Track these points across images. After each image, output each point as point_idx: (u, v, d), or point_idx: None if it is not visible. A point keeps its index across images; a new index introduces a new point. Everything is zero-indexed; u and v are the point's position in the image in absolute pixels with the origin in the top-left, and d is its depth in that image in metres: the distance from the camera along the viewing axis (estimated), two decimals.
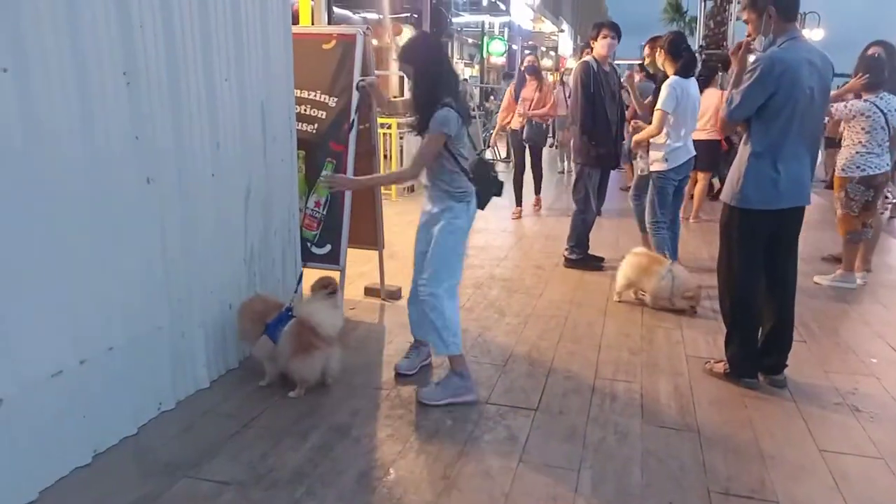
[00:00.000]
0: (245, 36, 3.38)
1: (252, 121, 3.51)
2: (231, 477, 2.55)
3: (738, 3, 16.36)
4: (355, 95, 4.07)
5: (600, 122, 5.21)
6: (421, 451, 2.77)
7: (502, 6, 14.69)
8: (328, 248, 4.22)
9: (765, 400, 3.29)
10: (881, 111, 4.87)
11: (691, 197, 7.43)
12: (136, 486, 2.48)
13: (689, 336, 4.12)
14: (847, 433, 3.00)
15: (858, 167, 4.99)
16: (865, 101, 4.96)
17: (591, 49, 5.31)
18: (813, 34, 24.58)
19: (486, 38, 19.44)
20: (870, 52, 5.14)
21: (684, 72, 4.63)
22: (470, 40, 24.02)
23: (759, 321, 3.38)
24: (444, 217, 3.13)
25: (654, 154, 4.72)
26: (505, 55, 21.04)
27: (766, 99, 3.09)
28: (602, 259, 5.62)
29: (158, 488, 2.46)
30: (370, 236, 4.57)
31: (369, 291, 4.74)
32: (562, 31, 28.12)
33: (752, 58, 3.24)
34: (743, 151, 3.26)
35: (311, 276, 4.16)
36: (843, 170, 5.11)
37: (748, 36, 3.28)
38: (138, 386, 2.88)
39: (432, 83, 3.02)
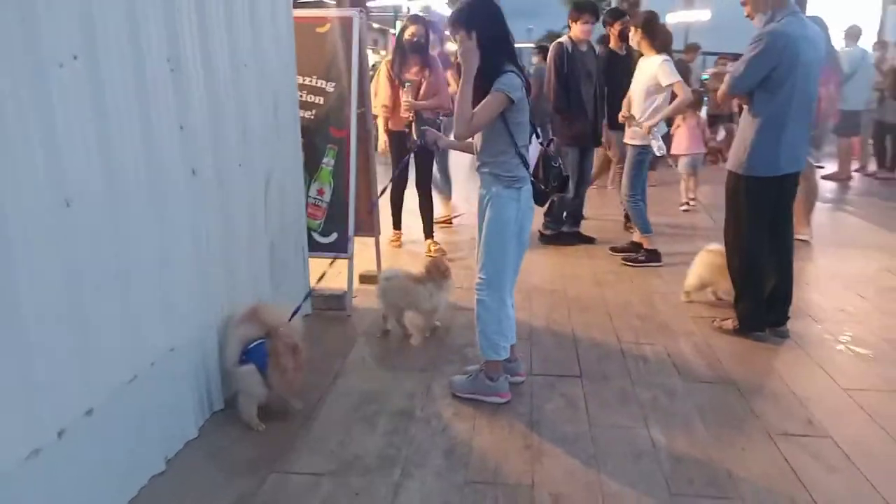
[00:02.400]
0: (260, 18, 3.27)
1: (267, 107, 3.41)
2: (320, 468, 2.51)
3: None
4: (354, 79, 4.03)
5: (574, 102, 5.34)
6: (492, 426, 2.82)
7: None
8: (334, 236, 4.15)
9: (777, 350, 3.57)
10: None
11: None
12: (225, 486, 2.40)
13: (683, 300, 4.38)
14: (860, 372, 3.31)
15: None
16: None
17: (569, 29, 5.44)
18: (700, 15, 25.99)
19: (398, 22, 19.07)
20: None
21: (665, 49, 4.85)
22: (375, 25, 23.74)
23: (766, 279, 3.65)
24: (491, 206, 2.86)
25: (636, 129, 4.93)
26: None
27: (770, 71, 3.33)
28: (593, 239, 5.77)
29: (250, 486, 2.40)
30: (367, 223, 4.53)
31: (365, 279, 4.69)
32: None
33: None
34: (747, 122, 3.49)
35: (316, 266, 4.10)
36: None
37: (747, 15, 3.50)
38: (195, 387, 2.77)
39: (496, 49, 2.75)
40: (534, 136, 2.93)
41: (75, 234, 2.02)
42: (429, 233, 5.46)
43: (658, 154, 4.94)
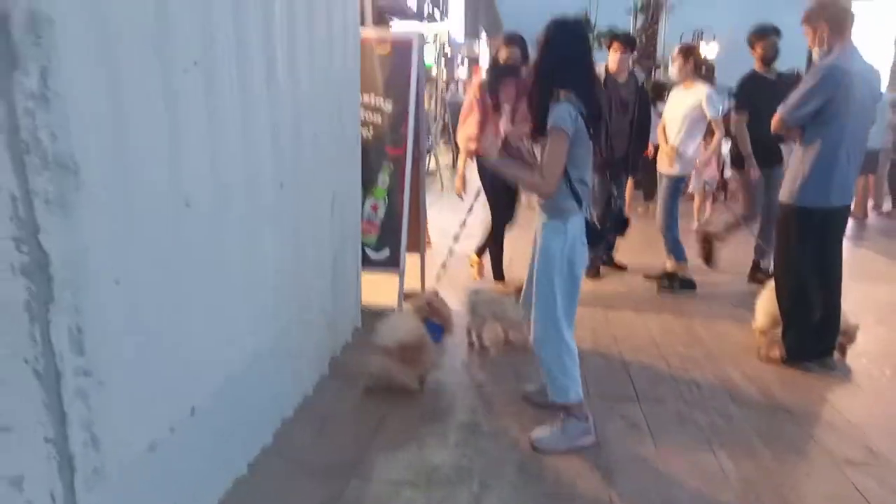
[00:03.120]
0: (333, 36, 3.36)
1: (336, 124, 3.49)
2: (399, 476, 2.56)
3: (667, 19, 17.51)
4: (412, 99, 4.13)
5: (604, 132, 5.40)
6: None
7: (437, 13, 14.77)
8: (386, 251, 4.23)
9: (825, 379, 3.62)
10: None
11: None
12: (308, 491, 2.44)
13: (724, 328, 4.44)
14: None
15: None
16: None
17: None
18: (709, 49, 26.41)
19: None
20: None
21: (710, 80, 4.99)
22: None
23: (814, 310, 3.72)
24: (542, 235, 2.77)
25: (678, 159, 5.04)
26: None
27: (824, 104, 3.43)
28: (624, 267, 5.85)
29: (332, 491, 2.44)
30: (414, 239, 4.60)
31: (407, 296, 4.75)
32: (479, 37, 28.74)
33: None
34: (802, 153, 3.59)
35: (368, 282, 4.19)
36: None
37: (809, 45, 3.62)
38: (271, 394, 2.82)
39: (551, 70, 2.64)
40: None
41: (192, 234, 2.10)
42: (499, 275, 5.02)
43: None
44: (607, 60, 5.51)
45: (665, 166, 5.22)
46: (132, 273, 1.80)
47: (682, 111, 5.05)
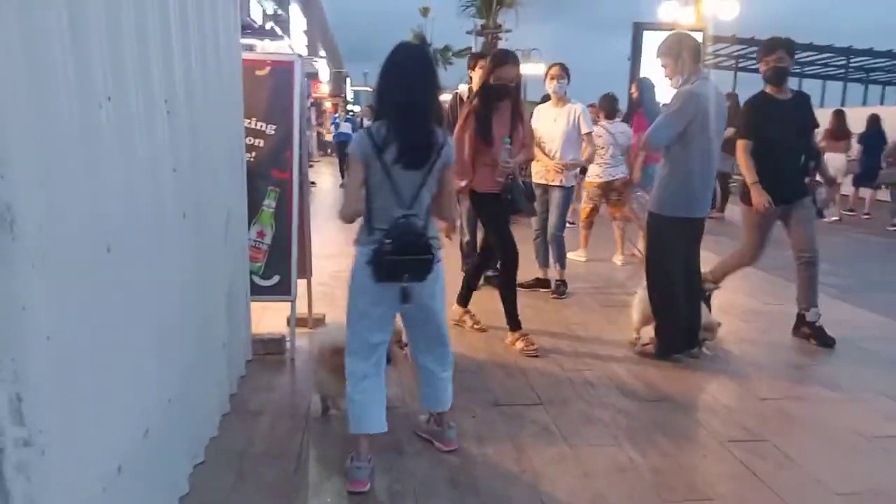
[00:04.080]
0: (219, 59, 3.25)
1: (225, 148, 3.37)
2: None
3: (505, 39, 18.42)
4: (296, 122, 4.07)
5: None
6: (484, 455, 2.96)
7: (279, 31, 14.36)
8: (276, 279, 4.10)
9: (696, 369, 4.04)
10: (610, 133, 6.59)
11: None
12: None
13: (600, 327, 4.79)
14: (770, 384, 3.85)
15: (598, 175, 6.70)
16: (600, 125, 6.62)
17: (470, 79, 5.72)
18: (536, 69, 28.13)
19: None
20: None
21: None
22: None
23: (682, 308, 4.12)
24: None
25: (566, 172, 5.43)
26: None
27: (686, 126, 3.84)
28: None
29: None
30: (302, 265, 4.50)
31: (298, 321, 4.64)
32: (322, 56, 28.49)
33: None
34: (667, 170, 3.98)
35: (258, 309, 4.06)
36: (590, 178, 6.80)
37: (665, 76, 4.02)
38: (182, 440, 2.65)
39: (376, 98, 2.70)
40: None
41: (112, 280, 1.95)
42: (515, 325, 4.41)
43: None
44: (470, 80, 5.69)
45: (555, 180, 5.45)
46: (61, 328, 1.65)
47: (560, 128, 5.33)
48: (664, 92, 4.15)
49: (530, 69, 27.38)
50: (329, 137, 22.01)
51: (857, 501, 2.67)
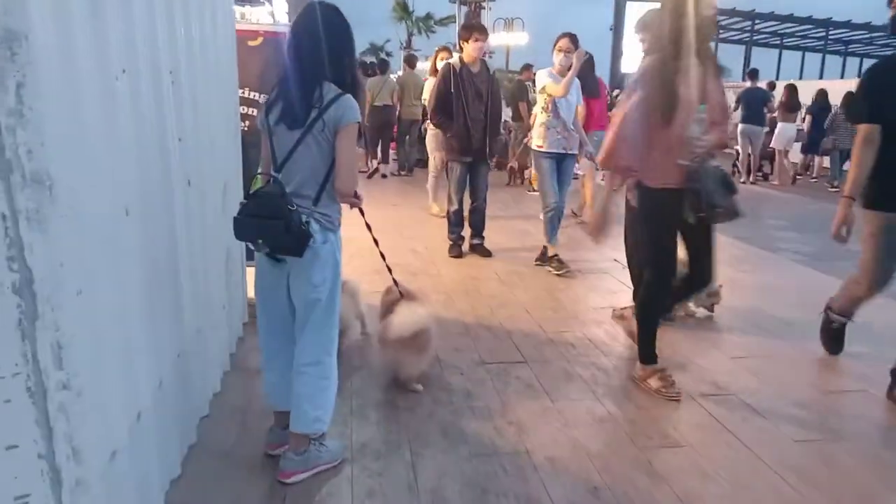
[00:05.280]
0: (216, 27, 3.35)
1: (222, 117, 3.48)
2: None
3: (489, 8, 18.32)
4: None
5: (457, 119, 5.70)
6: (473, 409, 3.17)
7: None
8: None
9: (672, 329, 4.25)
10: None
11: None
12: (245, 481, 2.53)
13: (581, 292, 5.01)
14: (740, 343, 4.09)
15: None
16: None
17: (461, 49, 5.84)
18: (519, 38, 27.98)
19: None
20: None
21: None
22: None
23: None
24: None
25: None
26: None
27: None
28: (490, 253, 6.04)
29: (271, 479, 2.55)
30: None
31: None
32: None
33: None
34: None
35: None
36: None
37: (644, 51, 4.14)
38: (191, 393, 2.82)
39: None
40: None
41: (130, 241, 2.10)
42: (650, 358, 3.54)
43: None
44: (461, 51, 5.82)
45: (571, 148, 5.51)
46: (89, 284, 1.79)
47: (574, 99, 5.44)
48: (634, 63, 4.28)
49: (513, 39, 27.52)
50: None
51: (812, 447, 2.92)
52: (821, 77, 20.42)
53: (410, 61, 11.59)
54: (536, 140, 5.50)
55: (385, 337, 3.32)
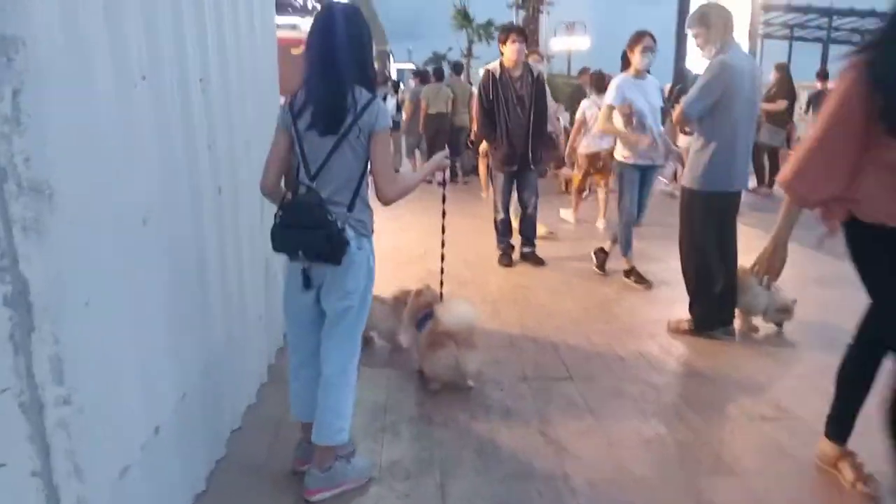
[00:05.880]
0: (255, 34, 3.34)
1: (262, 124, 3.45)
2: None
3: (547, 13, 18.15)
4: None
5: (501, 127, 5.52)
6: (510, 426, 3.02)
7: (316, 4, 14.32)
8: None
9: (730, 345, 4.00)
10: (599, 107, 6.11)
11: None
12: (271, 497, 2.45)
13: (636, 303, 4.78)
14: (804, 359, 3.79)
15: (587, 146, 7.03)
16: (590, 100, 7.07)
17: (502, 54, 5.61)
18: (581, 42, 27.59)
19: None
20: None
21: None
22: None
23: (716, 283, 4.08)
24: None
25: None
26: None
27: (720, 97, 3.76)
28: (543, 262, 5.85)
29: (297, 495, 2.47)
30: None
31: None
32: None
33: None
34: (701, 143, 3.91)
35: None
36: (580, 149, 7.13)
37: (697, 46, 3.94)
38: (221, 405, 2.78)
39: None
40: None
41: (149, 251, 2.06)
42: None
43: None
44: (502, 55, 5.62)
45: (659, 159, 5.27)
46: (99, 294, 1.75)
47: (657, 103, 5.15)
48: (698, 63, 4.07)
49: (573, 43, 27.12)
50: None
51: (885, 479, 2.63)
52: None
53: (457, 68, 11.60)
54: (622, 150, 5.16)
55: (436, 332, 3.24)
